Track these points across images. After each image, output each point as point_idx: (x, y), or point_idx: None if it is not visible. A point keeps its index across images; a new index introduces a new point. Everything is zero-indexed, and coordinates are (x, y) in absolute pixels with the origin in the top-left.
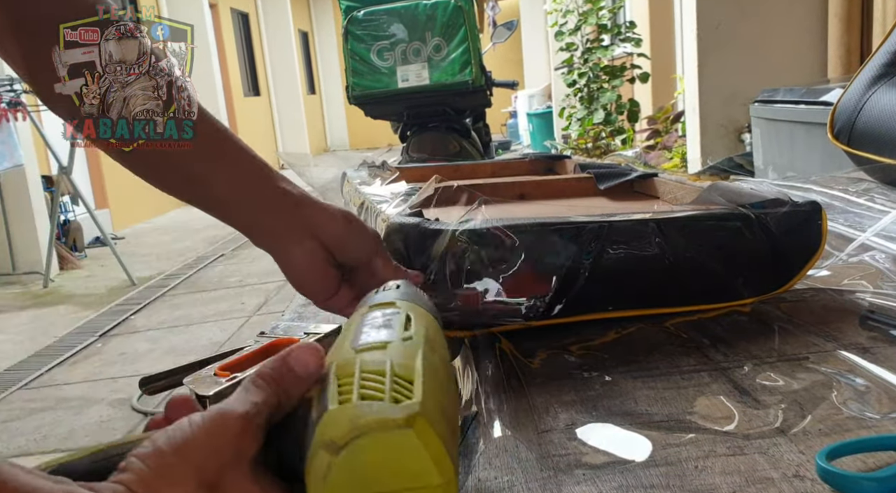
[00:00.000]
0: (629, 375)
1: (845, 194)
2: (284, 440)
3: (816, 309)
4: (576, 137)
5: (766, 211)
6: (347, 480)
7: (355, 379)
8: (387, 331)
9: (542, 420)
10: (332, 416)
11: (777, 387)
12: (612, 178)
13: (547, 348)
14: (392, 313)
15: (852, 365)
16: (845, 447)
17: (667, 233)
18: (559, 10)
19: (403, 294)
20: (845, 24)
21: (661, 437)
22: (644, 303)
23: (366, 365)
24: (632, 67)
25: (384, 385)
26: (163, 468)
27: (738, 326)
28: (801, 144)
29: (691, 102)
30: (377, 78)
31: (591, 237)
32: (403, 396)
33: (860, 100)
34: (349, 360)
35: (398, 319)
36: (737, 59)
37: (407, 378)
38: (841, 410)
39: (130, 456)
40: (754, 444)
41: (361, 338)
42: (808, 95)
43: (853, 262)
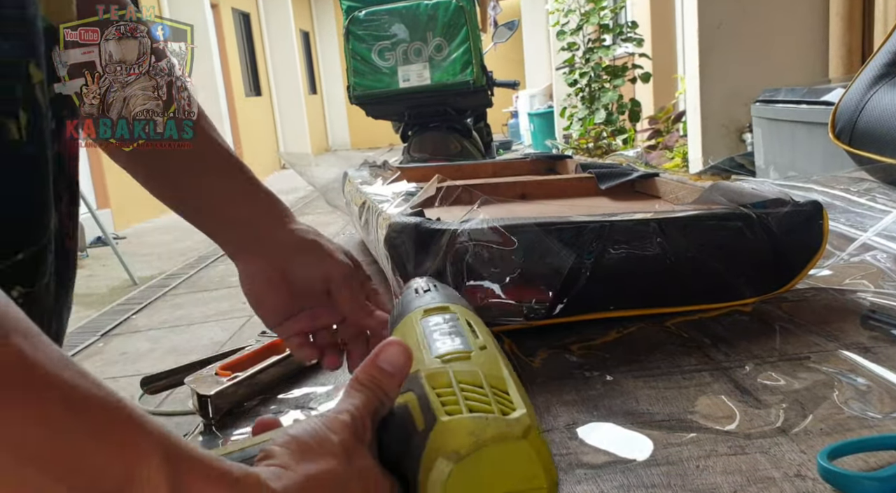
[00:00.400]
0: (630, 374)
1: (847, 194)
2: (383, 440)
3: (818, 309)
4: (577, 137)
5: (767, 211)
6: (466, 484)
7: (456, 390)
8: (460, 339)
9: (544, 420)
10: (449, 428)
11: (778, 386)
12: (613, 178)
13: (548, 347)
14: (451, 318)
15: (854, 365)
16: (847, 447)
17: (668, 233)
18: (561, 9)
19: (449, 296)
20: (847, 24)
21: (663, 436)
22: (645, 303)
23: (460, 376)
24: (633, 67)
25: (487, 396)
26: (305, 448)
27: (740, 325)
28: (802, 144)
29: (693, 102)
30: (378, 78)
31: (593, 237)
32: (508, 407)
33: (862, 99)
34: (439, 370)
35: (461, 325)
36: (738, 58)
37: (501, 388)
38: (842, 409)
39: (268, 446)
40: (756, 443)
41: (439, 346)
42: (810, 95)
43: (855, 261)
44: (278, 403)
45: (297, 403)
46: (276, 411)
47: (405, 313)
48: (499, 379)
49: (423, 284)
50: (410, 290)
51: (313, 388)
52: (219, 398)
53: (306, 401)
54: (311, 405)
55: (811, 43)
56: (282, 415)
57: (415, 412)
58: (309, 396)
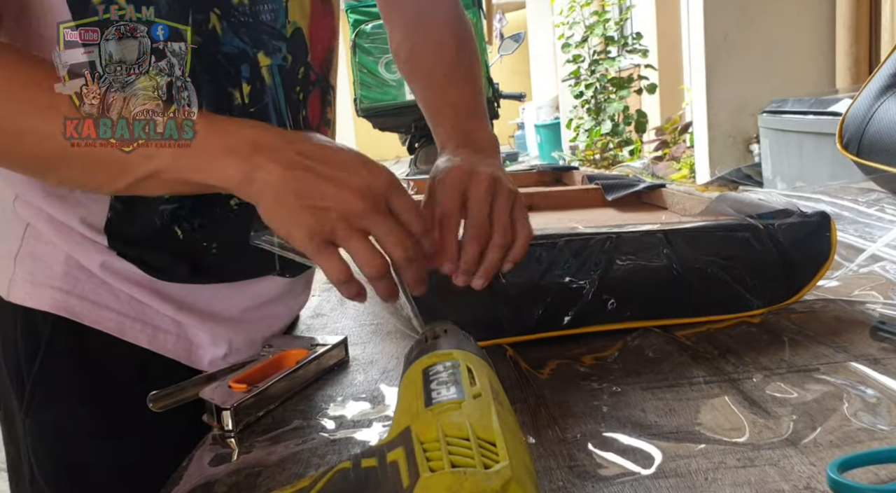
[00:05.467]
0: (638, 386)
1: (855, 205)
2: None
3: (826, 320)
4: (583, 149)
5: (774, 222)
6: None
7: (442, 445)
8: (455, 388)
9: (551, 431)
10: (429, 485)
11: (787, 398)
12: (619, 189)
13: (556, 358)
14: (452, 365)
15: (863, 376)
16: (857, 459)
17: (675, 244)
18: (566, 22)
19: (455, 342)
20: (853, 35)
21: (671, 448)
22: (653, 314)
23: (447, 428)
24: (639, 78)
25: (472, 450)
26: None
27: (748, 336)
28: (809, 155)
29: (699, 113)
30: (385, 90)
31: (600, 249)
32: (492, 459)
33: (869, 110)
34: (428, 422)
35: (460, 372)
36: (745, 69)
37: (489, 440)
38: (852, 421)
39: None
40: (765, 455)
41: (433, 396)
42: (817, 106)
43: (863, 272)
44: (293, 414)
45: (311, 413)
46: (295, 425)
47: (410, 363)
48: (487, 429)
49: (433, 330)
50: (421, 337)
51: (324, 400)
52: (239, 411)
53: (319, 411)
54: (326, 414)
55: (818, 53)
56: (299, 428)
57: (402, 469)
58: (321, 406)
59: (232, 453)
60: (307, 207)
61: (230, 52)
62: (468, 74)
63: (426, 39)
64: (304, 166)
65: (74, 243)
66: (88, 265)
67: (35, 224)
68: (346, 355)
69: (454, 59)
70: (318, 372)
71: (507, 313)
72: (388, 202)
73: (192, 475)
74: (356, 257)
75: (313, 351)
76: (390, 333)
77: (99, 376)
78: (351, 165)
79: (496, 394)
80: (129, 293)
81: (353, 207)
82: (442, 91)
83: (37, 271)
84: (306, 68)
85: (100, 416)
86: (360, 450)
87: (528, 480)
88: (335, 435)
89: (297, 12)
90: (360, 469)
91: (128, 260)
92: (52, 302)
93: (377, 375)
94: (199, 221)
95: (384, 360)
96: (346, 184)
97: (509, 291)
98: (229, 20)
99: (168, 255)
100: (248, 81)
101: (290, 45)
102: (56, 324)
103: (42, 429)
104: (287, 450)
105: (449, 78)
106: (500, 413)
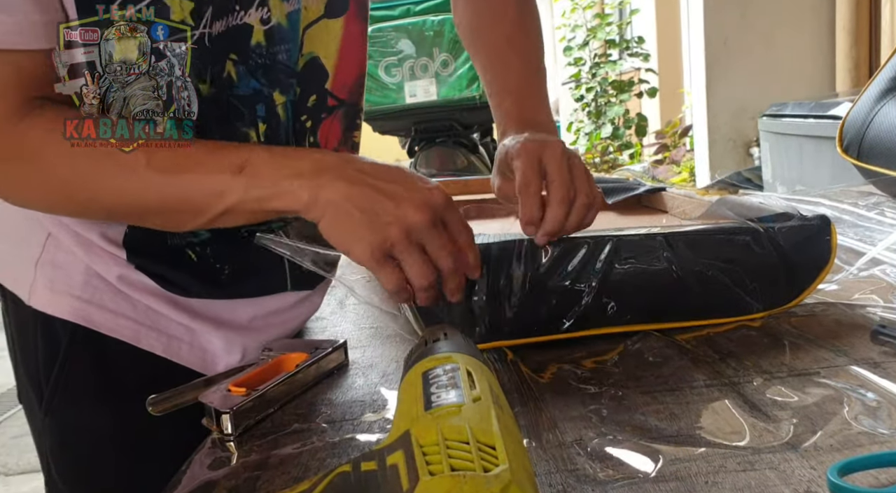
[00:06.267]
0: (638, 389)
1: (855, 208)
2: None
3: (827, 323)
4: (584, 152)
5: (775, 225)
6: None
7: (441, 448)
8: (455, 391)
9: (551, 435)
10: (429, 488)
11: (788, 402)
12: (620, 192)
13: (556, 361)
14: (452, 368)
15: (863, 380)
16: (857, 463)
17: (675, 247)
18: (567, 25)
19: (455, 345)
20: (853, 38)
21: (671, 452)
22: (653, 318)
23: (447, 432)
24: (639, 82)
25: (471, 454)
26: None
27: (748, 340)
28: (810, 158)
29: (699, 117)
30: (385, 94)
31: (600, 252)
32: (491, 463)
33: (869, 113)
34: (428, 426)
35: (460, 376)
36: (745, 73)
37: (489, 443)
38: (852, 425)
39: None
40: (765, 459)
41: (432, 400)
42: (817, 109)
43: (864, 276)
44: (293, 417)
45: (310, 417)
46: (294, 428)
47: (410, 367)
48: (487, 433)
49: (433, 334)
50: (421, 341)
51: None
52: (240, 415)
53: (318, 415)
54: (325, 417)
55: (818, 57)
56: (298, 431)
57: (401, 472)
58: (321, 410)
59: (231, 456)
60: (369, 221)
61: (244, 95)
62: (530, 39)
63: (488, 3)
64: (367, 183)
65: (94, 255)
66: (107, 276)
67: (56, 234)
68: (345, 359)
69: (516, 21)
70: (317, 376)
71: (508, 316)
72: (442, 217)
73: (191, 478)
74: (411, 270)
75: (313, 355)
76: (390, 336)
77: (116, 381)
78: (408, 181)
79: (496, 398)
80: (146, 304)
81: (414, 221)
82: (504, 63)
83: (56, 278)
84: (320, 95)
85: (116, 420)
86: (360, 453)
87: (527, 484)
88: (334, 438)
89: (318, 42)
90: (360, 473)
91: (145, 274)
92: (71, 310)
93: (377, 378)
94: (211, 248)
95: (384, 363)
96: (408, 199)
97: (510, 293)
98: (247, 64)
99: (183, 273)
100: (263, 120)
101: (300, 79)
102: (74, 331)
103: (60, 430)
104: (286, 453)
105: (511, 42)
106: (500, 417)
